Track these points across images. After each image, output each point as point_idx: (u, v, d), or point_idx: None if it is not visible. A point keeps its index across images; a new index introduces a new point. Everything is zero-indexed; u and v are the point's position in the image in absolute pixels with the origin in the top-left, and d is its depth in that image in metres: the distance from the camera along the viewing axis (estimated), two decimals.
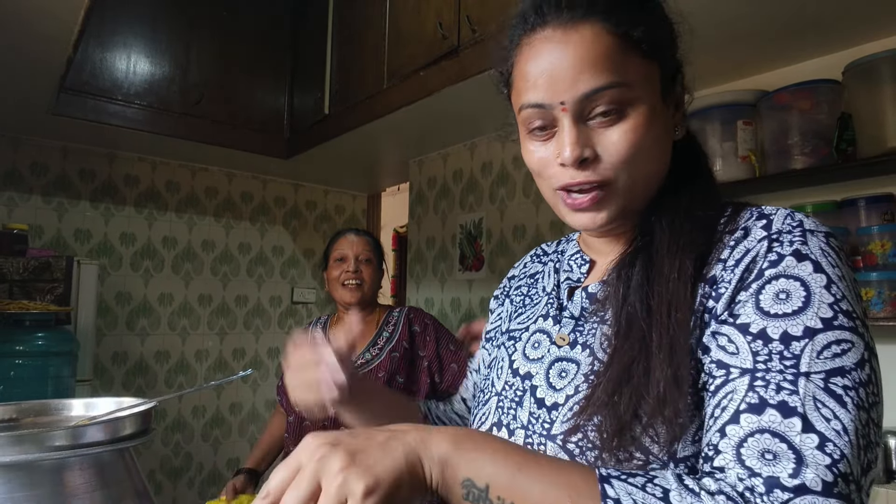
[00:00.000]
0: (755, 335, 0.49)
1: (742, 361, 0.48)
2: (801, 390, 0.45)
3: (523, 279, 0.80)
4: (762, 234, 0.53)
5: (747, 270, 0.52)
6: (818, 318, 0.47)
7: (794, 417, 0.44)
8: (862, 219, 1.49)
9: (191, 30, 2.77)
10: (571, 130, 0.56)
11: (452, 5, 1.96)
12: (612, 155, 0.56)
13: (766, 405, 0.46)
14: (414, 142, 2.76)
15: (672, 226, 0.58)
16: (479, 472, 0.45)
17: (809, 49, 1.64)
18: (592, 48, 0.55)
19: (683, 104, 0.62)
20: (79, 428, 0.67)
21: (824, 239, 0.52)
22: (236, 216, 3.40)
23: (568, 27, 0.56)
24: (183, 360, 3.16)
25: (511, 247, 2.46)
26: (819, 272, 0.49)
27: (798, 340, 0.47)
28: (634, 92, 0.56)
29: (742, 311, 0.50)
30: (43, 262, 2.17)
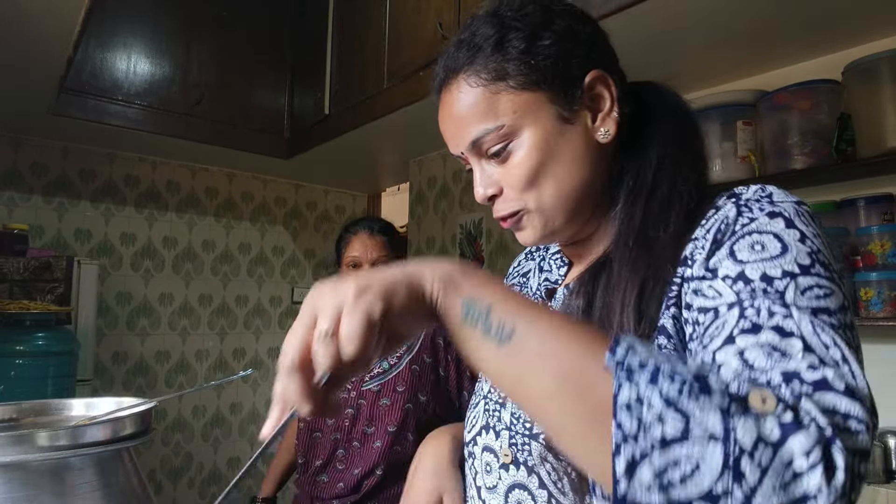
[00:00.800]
0: (734, 278, 0.47)
1: (726, 299, 0.47)
2: (796, 315, 0.43)
3: (516, 278, 0.81)
4: (731, 203, 0.54)
5: (719, 232, 0.52)
6: (796, 263, 0.46)
7: (792, 338, 0.41)
8: (861, 219, 1.49)
9: (191, 30, 2.77)
10: (477, 173, 0.64)
11: (452, 5, 1.96)
12: (513, 187, 0.61)
13: (761, 328, 0.43)
14: (414, 142, 2.76)
15: (619, 251, 0.59)
16: (483, 294, 0.44)
17: (809, 49, 1.64)
18: (463, 102, 0.61)
19: (605, 107, 0.61)
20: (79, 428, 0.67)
21: (795, 203, 0.52)
22: (237, 216, 3.40)
23: (447, 87, 0.63)
24: (183, 360, 3.16)
25: (511, 247, 2.46)
26: (792, 228, 0.49)
27: (780, 279, 0.45)
28: (515, 127, 0.59)
29: (719, 265, 0.49)
30: (43, 262, 2.17)
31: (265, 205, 3.51)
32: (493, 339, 0.42)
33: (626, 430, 0.36)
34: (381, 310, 0.42)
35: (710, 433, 0.35)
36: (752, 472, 0.34)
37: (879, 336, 1.50)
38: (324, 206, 3.77)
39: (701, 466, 0.34)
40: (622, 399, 0.37)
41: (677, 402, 0.36)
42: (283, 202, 3.59)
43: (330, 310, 0.42)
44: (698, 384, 0.36)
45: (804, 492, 0.34)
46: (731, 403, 0.36)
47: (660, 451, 0.35)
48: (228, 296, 3.33)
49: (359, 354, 0.41)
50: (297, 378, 0.42)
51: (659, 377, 0.37)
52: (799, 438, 0.35)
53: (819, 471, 0.34)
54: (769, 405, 0.36)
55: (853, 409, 0.38)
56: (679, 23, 1.49)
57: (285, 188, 3.60)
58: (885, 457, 1.39)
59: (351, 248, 1.57)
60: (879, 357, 1.51)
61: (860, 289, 1.43)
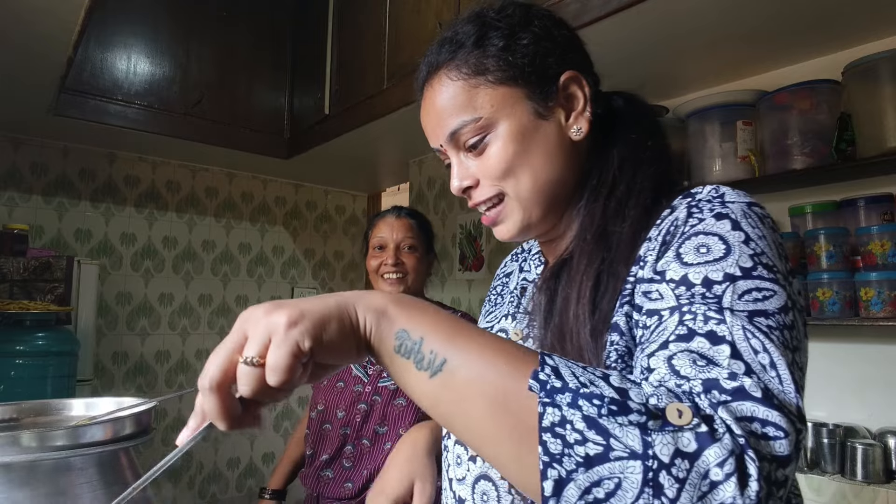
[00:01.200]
0: (677, 282, 0.49)
1: (668, 303, 0.48)
2: (728, 320, 0.44)
3: (501, 279, 0.85)
4: (685, 204, 0.55)
5: (668, 234, 0.54)
6: (738, 266, 0.47)
7: (723, 345, 0.43)
8: (861, 219, 1.49)
9: (191, 30, 2.77)
10: (454, 165, 0.66)
11: (452, 5, 1.96)
12: (489, 176, 0.63)
13: (695, 334, 0.44)
14: (414, 142, 2.76)
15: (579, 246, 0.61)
16: (415, 326, 0.44)
17: (809, 49, 1.64)
18: (443, 95, 0.64)
19: (578, 106, 0.64)
20: (79, 428, 0.67)
21: (745, 205, 0.53)
22: (236, 216, 3.40)
23: (428, 82, 0.66)
24: (183, 359, 3.16)
25: (511, 246, 2.45)
26: (738, 230, 0.50)
27: (719, 284, 0.47)
28: (491, 120, 0.62)
29: (666, 268, 0.51)
30: (43, 262, 2.17)
31: (265, 205, 3.51)
32: (426, 371, 0.43)
33: (551, 451, 0.37)
34: (310, 344, 0.42)
35: (629, 450, 0.36)
36: (670, 486, 0.35)
37: (879, 336, 1.50)
38: (324, 206, 3.77)
39: (623, 483, 0.36)
40: (546, 422, 0.38)
41: (599, 421, 0.37)
42: (282, 202, 3.59)
43: (259, 336, 0.42)
44: (617, 404, 0.38)
45: (720, 501, 0.35)
46: (648, 420, 0.37)
47: (584, 470, 0.37)
48: (228, 296, 3.33)
49: (282, 384, 0.42)
50: (216, 396, 0.43)
51: (580, 399, 0.38)
52: (714, 449, 0.36)
53: (733, 481, 0.35)
54: (685, 418, 0.37)
55: (770, 415, 0.39)
56: (679, 23, 1.49)
57: (285, 188, 3.60)
58: (885, 457, 1.39)
59: (377, 231, 1.54)
60: (879, 357, 1.51)
61: (860, 289, 1.43)
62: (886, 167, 1.44)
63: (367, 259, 1.55)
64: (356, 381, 1.46)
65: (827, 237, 1.49)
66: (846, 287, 1.46)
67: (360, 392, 1.44)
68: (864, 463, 1.38)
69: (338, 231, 3.84)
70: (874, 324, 1.40)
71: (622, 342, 0.53)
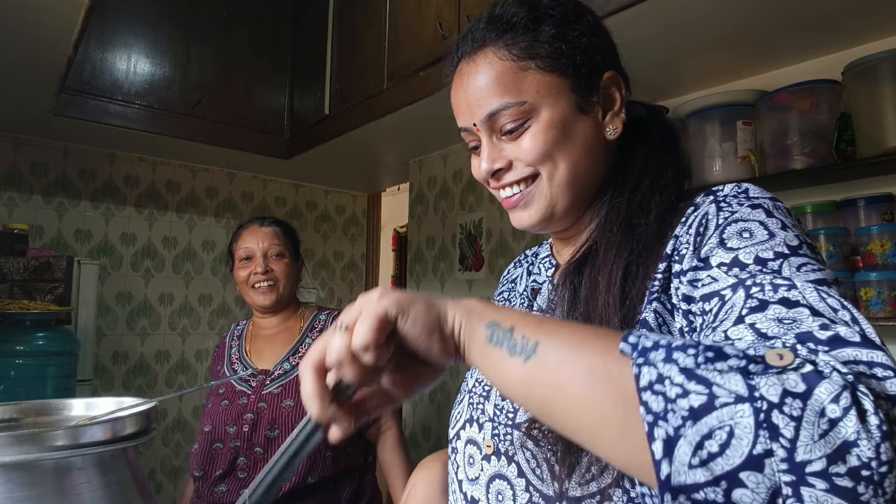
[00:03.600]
0: (728, 264, 0.49)
1: (727, 282, 0.48)
2: (799, 285, 0.43)
3: (506, 285, 0.84)
4: (710, 199, 0.56)
5: (701, 226, 0.54)
6: (786, 244, 0.48)
7: (800, 307, 0.41)
8: (861, 219, 1.49)
9: (191, 30, 2.77)
10: (486, 146, 0.64)
11: (452, 5, 1.96)
12: (525, 159, 0.63)
13: (768, 303, 0.42)
14: (414, 142, 2.76)
15: (605, 236, 0.61)
16: (504, 317, 0.45)
17: (809, 49, 1.64)
18: (488, 74, 0.62)
19: (616, 106, 0.65)
20: (79, 428, 0.67)
21: (770, 199, 0.54)
22: (237, 216, 3.40)
23: (470, 58, 0.64)
24: (183, 359, 3.16)
25: (511, 247, 2.46)
26: (772, 217, 0.51)
27: (773, 261, 0.47)
28: (535, 105, 0.61)
29: (710, 254, 0.51)
30: (43, 262, 2.17)
31: (265, 205, 3.51)
32: (520, 356, 0.43)
33: (654, 410, 0.36)
34: (395, 312, 0.44)
35: (735, 394, 0.34)
36: (786, 425, 0.33)
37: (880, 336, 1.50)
38: (324, 206, 3.77)
39: (735, 430, 0.34)
40: (644, 381, 0.37)
41: (697, 372, 0.36)
42: (283, 202, 3.59)
43: (353, 310, 0.45)
44: (714, 351, 0.36)
45: (844, 438, 0.32)
46: (748, 364, 0.35)
47: (692, 424, 0.34)
48: (228, 296, 3.33)
49: (364, 345, 0.43)
50: (312, 377, 0.45)
51: (674, 353, 0.37)
52: (824, 386, 0.34)
53: (853, 415, 0.33)
54: (787, 360, 0.35)
55: (874, 356, 0.37)
56: (679, 23, 1.49)
57: (285, 188, 3.60)
58: None
59: (242, 241, 1.54)
60: None
61: (860, 289, 1.43)
62: (886, 167, 1.44)
63: (235, 271, 1.54)
64: (240, 395, 1.44)
65: (827, 237, 1.49)
66: (846, 287, 1.46)
67: (245, 404, 1.42)
68: None
69: (338, 231, 3.85)
70: (874, 324, 1.39)
71: None
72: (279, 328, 1.57)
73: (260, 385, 1.45)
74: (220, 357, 1.60)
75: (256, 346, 1.57)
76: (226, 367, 1.55)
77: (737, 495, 0.33)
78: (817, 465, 0.32)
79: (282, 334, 1.56)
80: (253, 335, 1.59)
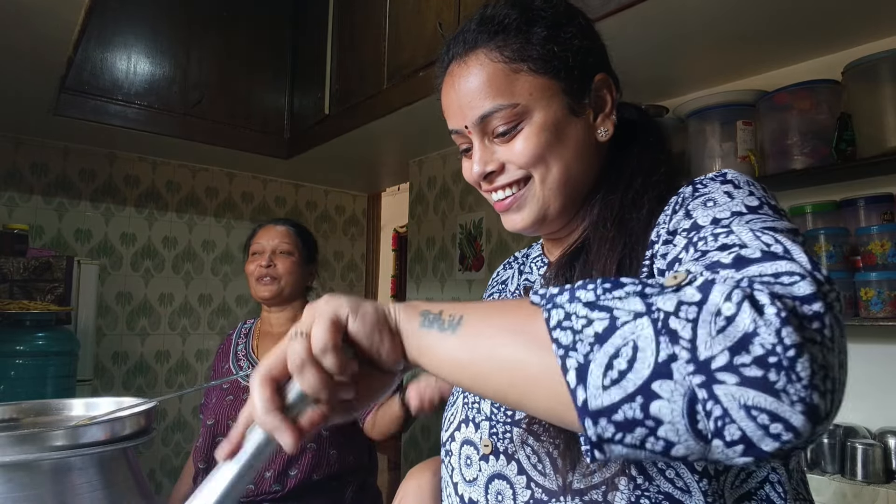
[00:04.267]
0: (689, 229, 0.50)
1: (683, 244, 0.50)
2: (737, 230, 0.45)
3: (496, 286, 0.84)
4: (689, 185, 0.57)
5: (678, 205, 0.55)
6: (744, 205, 0.49)
7: (733, 247, 0.42)
8: (861, 219, 1.49)
9: (191, 30, 2.77)
10: (478, 149, 0.64)
11: (452, 5, 1.96)
12: (518, 161, 0.62)
13: (707, 252, 0.44)
14: (414, 142, 2.76)
15: (599, 232, 0.62)
16: (435, 305, 0.47)
17: (809, 49, 1.64)
18: (479, 75, 0.62)
19: (607, 108, 0.66)
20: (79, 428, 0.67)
21: (747, 179, 0.55)
22: (237, 216, 3.40)
23: (462, 60, 0.64)
24: (183, 359, 3.16)
25: (511, 247, 2.46)
26: (739, 189, 0.52)
27: (727, 219, 0.48)
28: (527, 108, 0.61)
29: (677, 226, 0.53)
30: (43, 262, 2.17)
31: (265, 205, 3.51)
32: (448, 331, 0.45)
33: (563, 343, 0.37)
34: (346, 312, 0.45)
35: (633, 313, 0.36)
36: (683, 327, 0.34)
37: (879, 336, 1.50)
38: (323, 206, 3.77)
39: (637, 343, 0.35)
40: (553, 321, 0.39)
41: (598, 302, 0.38)
42: (283, 202, 3.59)
43: (306, 318, 0.46)
44: (612, 283, 0.39)
45: (743, 331, 0.33)
46: (644, 288, 0.38)
47: (598, 347, 0.36)
48: (228, 296, 3.33)
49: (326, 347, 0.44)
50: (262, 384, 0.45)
51: (577, 291, 0.40)
52: (717, 289, 0.35)
53: (747, 307, 0.33)
54: (680, 278, 0.38)
55: (779, 266, 0.38)
56: (679, 23, 1.49)
57: (285, 188, 3.60)
58: (885, 457, 1.39)
59: (257, 238, 1.61)
60: (879, 357, 1.51)
61: (860, 289, 1.43)
62: (886, 167, 1.44)
63: (246, 265, 1.60)
64: (245, 390, 1.45)
65: (827, 237, 1.49)
66: (846, 287, 1.46)
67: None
68: (864, 463, 1.38)
69: (337, 231, 3.85)
70: (874, 324, 1.40)
71: None
72: (287, 326, 1.60)
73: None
74: (224, 354, 1.62)
75: (264, 342, 1.60)
76: (231, 364, 1.56)
77: (654, 408, 0.34)
78: (721, 359, 0.33)
79: None
80: (261, 332, 1.62)
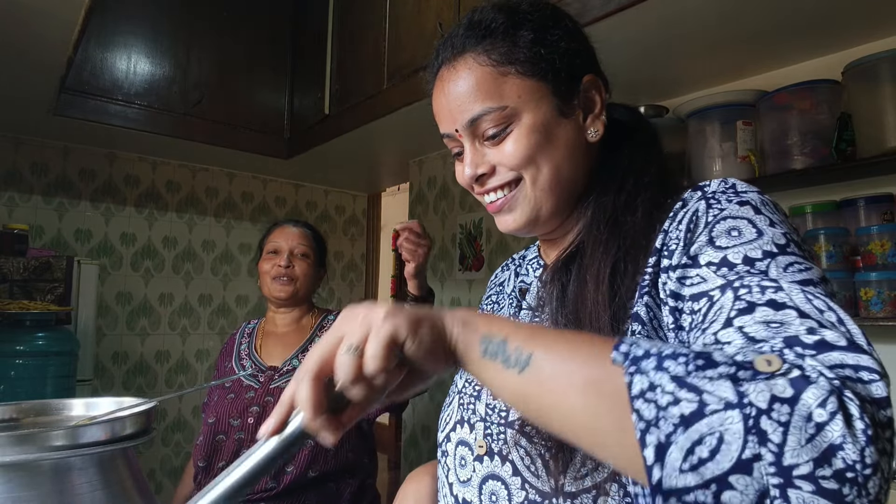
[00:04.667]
0: (717, 264, 0.49)
1: (715, 283, 0.48)
2: (786, 287, 0.44)
3: (494, 288, 0.85)
4: (698, 195, 0.56)
5: (692, 223, 0.54)
6: (773, 244, 0.48)
7: (787, 309, 0.42)
8: (861, 219, 1.49)
9: (191, 30, 2.77)
10: (469, 152, 0.65)
11: (452, 5, 1.96)
12: (508, 163, 0.63)
13: (756, 306, 0.43)
14: (414, 142, 2.76)
15: (592, 235, 0.62)
16: (497, 330, 0.46)
17: (809, 49, 1.64)
18: (468, 79, 0.63)
19: (596, 109, 0.66)
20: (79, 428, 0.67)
21: (758, 193, 0.54)
22: (237, 216, 3.40)
23: (451, 64, 0.65)
24: (183, 359, 3.16)
25: (511, 247, 2.46)
26: (760, 214, 0.51)
27: (760, 261, 0.47)
28: (516, 110, 0.62)
29: (700, 252, 0.51)
30: (43, 262, 2.17)
31: (265, 205, 3.51)
32: (514, 368, 0.43)
33: (645, 417, 0.36)
34: (406, 333, 0.44)
35: (724, 401, 0.35)
36: (774, 430, 0.34)
37: (879, 336, 1.50)
38: (323, 206, 3.77)
39: (724, 436, 0.34)
40: (635, 389, 0.37)
41: (687, 380, 0.36)
42: (282, 202, 3.59)
43: (360, 327, 0.45)
44: (703, 358, 0.37)
45: (830, 442, 0.33)
46: (737, 371, 0.36)
47: (683, 430, 0.35)
48: (228, 296, 3.33)
49: (379, 371, 0.43)
50: (312, 384, 0.44)
51: (665, 361, 0.38)
52: (811, 391, 0.35)
53: (839, 419, 0.34)
54: (775, 366, 0.36)
55: (860, 359, 0.38)
56: (679, 23, 1.49)
57: (285, 188, 3.60)
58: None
59: (273, 238, 1.62)
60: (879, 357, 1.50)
61: (860, 289, 1.43)
62: (886, 167, 1.44)
63: (260, 263, 1.61)
64: (247, 389, 1.46)
65: (827, 237, 1.49)
66: (846, 287, 1.46)
67: (251, 398, 1.44)
68: None
69: (338, 231, 3.85)
70: (874, 324, 1.39)
71: (643, 331, 0.53)
72: (292, 327, 1.60)
73: (268, 380, 1.47)
74: (228, 353, 1.62)
75: (268, 342, 1.60)
76: (234, 363, 1.56)
77: (726, 497, 0.34)
78: (804, 469, 0.33)
79: (293, 333, 1.59)
80: (265, 332, 1.62)
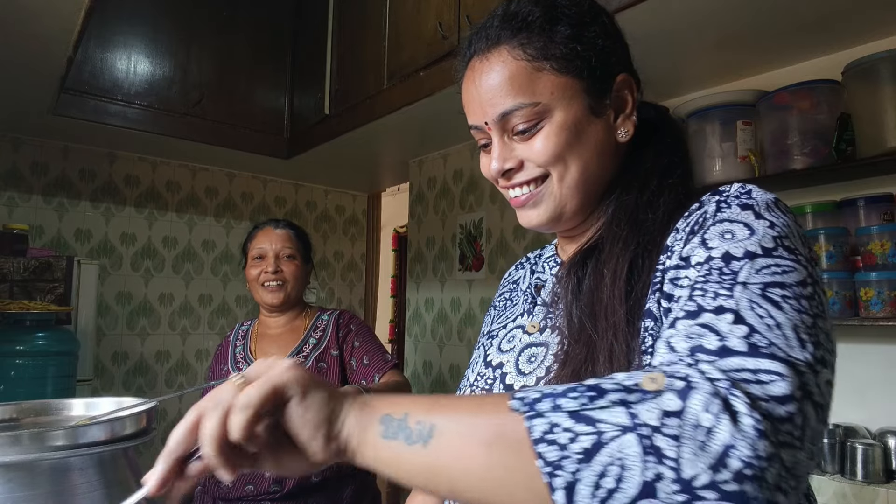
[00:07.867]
0: (701, 263, 0.49)
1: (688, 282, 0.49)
2: (737, 294, 0.44)
3: (507, 286, 0.84)
4: (715, 199, 0.56)
5: (696, 224, 0.54)
6: (760, 245, 0.48)
7: (726, 314, 0.43)
8: (861, 219, 1.49)
9: (191, 30, 2.77)
10: (497, 146, 0.64)
11: (452, 5, 1.96)
12: (537, 160, 0.62)
13: (703, 310, 0.44)
14: (414, 142, 2.76)
15: (612, 231, 0.61)
16: (396, 407, 0.44)
17: (809, 49, 1.64)
18: (502, 73, 0.61)
19: (627, 109, 0.65)
20: (79, 428, 0.67)
21: (772, 200, 0.53)
22: (236, 216, 3.40)
23: (484, 55, 0.63)
24: (183, 359, 3.16)
25: (511, 247, 2.46)
26: (761, 219, 0.51)
27: (738, 260, 0.47)
28: (548, 107, 0.61)
29: (691, 253, 0.52)
30: (43, 262, 2.17)
31: (265, 205, 3.51)
32: (418, 444, 0.42)
33: (549, 460, 0.37)
34: (293, 393, 0.43)
35: (620, 427, 0.36)
36: (668, 445, 0.35)
37: (879, 336, 1.50)
38: (323, 206, 3.77)
39: (625, 462, 0.35)
40: (536, 433, 0.38)
41: (582, 413, 0.37)
42: (282, 202, 3.59)
43: (257, 370, 0.44)
44: (594, 390, 0.38)
45: (722, 443, 0.34)
46: (627, 394, 0.37)
47: (587, 465, 0.36)
48: (228, 296, 3.33)
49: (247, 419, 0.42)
50: (164, 462, 0.45)
51: (558, 399, 0.39)
52: (695, 398, 0.36)
53: (725, 419, 0.35)
54: (659, 382, 0.38)
55: (761, 363, 0.39)
56: (679, 23, 1.49)
57: (285, 188, 3.60)
58: (885, 457, 1.39)
59: (256, 242, 1.61)
60: (879, 357, 1.51)
61: (860, 289, 1.43)
62: (886, 167, 1.44)
63: (247, 269, 1.60)
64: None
65: (827, 237, 1.49)
66: (846, 287, 1.46)
67: None
68: (864, 463, 1.38)
69: (338, 231, 3.85)
70: (874, 324, 1.40)
71: (655, 328, 0.53)
72: (285, 328, 1.60)
73: None
74: (223, 355, 1.62)
75: (262, 344, 1.59)
76: (230, 366, 1.56)
77: None
78: (704, 478, 0.34)
79: (287, 334, 1.58)
80: (259, 334, 1.61)
